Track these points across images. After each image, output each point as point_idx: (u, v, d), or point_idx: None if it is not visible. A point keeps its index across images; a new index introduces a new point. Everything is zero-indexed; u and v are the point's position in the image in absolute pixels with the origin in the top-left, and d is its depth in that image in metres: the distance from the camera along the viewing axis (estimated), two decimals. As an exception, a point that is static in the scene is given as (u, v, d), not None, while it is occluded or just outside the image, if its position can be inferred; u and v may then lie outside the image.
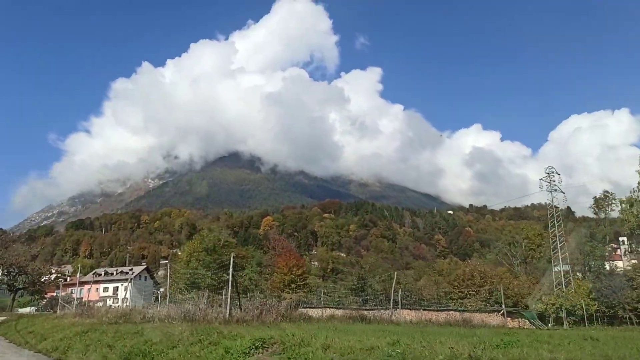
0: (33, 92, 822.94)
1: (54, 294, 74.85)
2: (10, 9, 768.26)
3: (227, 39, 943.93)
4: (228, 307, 15.74)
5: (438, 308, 31.46)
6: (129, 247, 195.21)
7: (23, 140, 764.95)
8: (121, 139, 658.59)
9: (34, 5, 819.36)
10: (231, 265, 17.17)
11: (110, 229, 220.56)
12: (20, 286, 63.86)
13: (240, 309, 17.10)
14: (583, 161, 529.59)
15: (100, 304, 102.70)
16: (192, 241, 64.01)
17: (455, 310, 30.97)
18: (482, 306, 33.24)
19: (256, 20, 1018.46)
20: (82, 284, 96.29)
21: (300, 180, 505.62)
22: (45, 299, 71.58)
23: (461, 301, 34.02)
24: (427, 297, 36.75)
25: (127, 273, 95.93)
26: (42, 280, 62.85)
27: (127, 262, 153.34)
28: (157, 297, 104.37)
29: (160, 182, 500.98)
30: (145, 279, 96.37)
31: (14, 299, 65.33)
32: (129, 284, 73.60)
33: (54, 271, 69.13)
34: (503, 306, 32.71)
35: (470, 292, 33.43)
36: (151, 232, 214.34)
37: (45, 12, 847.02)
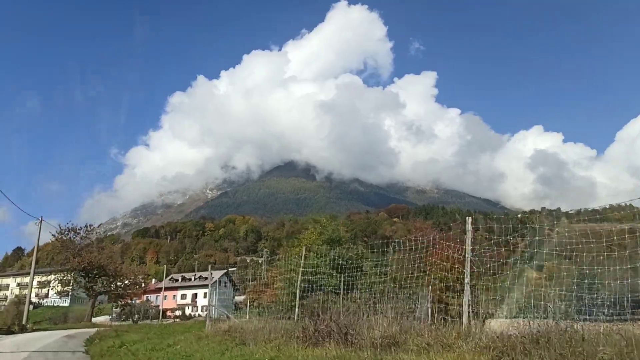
0: (95, 110, 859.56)
1: (129, 301, 67.12)
2: (75, 32, 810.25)
3: (280, 49, 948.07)
4: None
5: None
6: (195, 255, 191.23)
7: (88, 156, 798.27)
8: (179, 151, 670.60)
9: (97, 25, 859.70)
10: None
11: (176, 237, 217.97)
12: (101, 290, 55.85)
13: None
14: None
15: (178, 312, 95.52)
16: (308, 231, 53.34)
17: None
18: None
19: (310, 29, 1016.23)
20: (158, 290, 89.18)
21: (355, 187, 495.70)
22: (129, 305, 63.91)
23: None
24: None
25: (206, 278, 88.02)
26: (126, 282, 54.51)
27: (195, 269, 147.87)
28: (235, 306, 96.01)
29: (219, 193, 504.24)
30: (226, 285, 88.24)
31: (93, 306, 57.42)
32: (214, 290, 65.01)
33: (138, 273, 60.26)
34: None
35: None
36: (216, 240, 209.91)
37: (105, 34, 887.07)
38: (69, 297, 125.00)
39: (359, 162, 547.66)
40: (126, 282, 54.46)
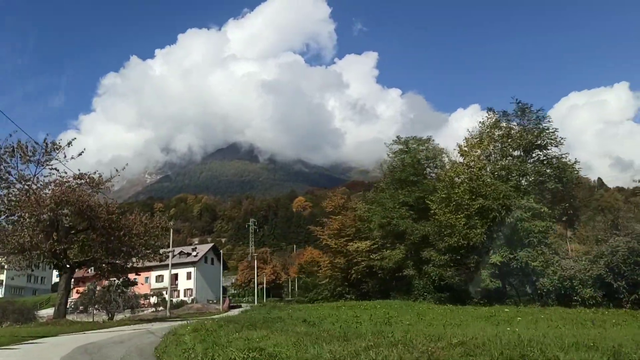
0: (19, 91, 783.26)
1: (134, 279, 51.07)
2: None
3: (220, 28, 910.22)
4: None
5: None
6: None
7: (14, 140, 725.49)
8: (115, 135, 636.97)
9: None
10: None
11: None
12: (85, 257, 32.09)
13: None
14: (581, 139, 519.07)
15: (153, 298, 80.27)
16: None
17: None
18: None
19: (252, 8, 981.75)
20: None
21: (300, 169, 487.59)
22: (128, 284, 48.68)
23: None
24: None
25: (189, 255, 73.85)
26: (134, 245, 32.78)
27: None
28: (225, 289, 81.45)
29: (158, 177, 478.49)
30: (212, 262, 74.31)
31: (69, 289, 34.96)
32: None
33: (152, 226, 34.84)
34: None
35: None
36: (167, 221, 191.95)
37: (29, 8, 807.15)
38: (3, 286, 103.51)
39: (303, 143, 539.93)
40: (133, 241, 32.77)
